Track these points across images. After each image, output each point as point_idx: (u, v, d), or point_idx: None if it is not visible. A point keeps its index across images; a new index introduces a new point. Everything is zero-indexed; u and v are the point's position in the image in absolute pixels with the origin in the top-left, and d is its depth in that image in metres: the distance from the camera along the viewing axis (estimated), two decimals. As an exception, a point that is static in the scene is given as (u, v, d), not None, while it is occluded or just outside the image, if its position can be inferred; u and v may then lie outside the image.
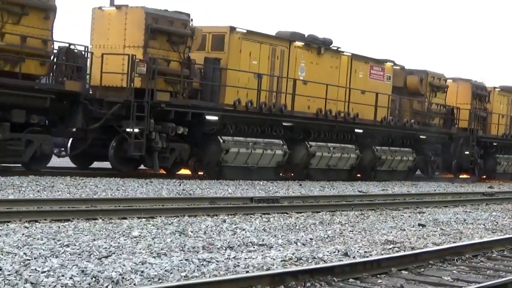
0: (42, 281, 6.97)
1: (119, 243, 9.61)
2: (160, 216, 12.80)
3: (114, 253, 8.80)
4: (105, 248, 9.11)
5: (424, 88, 30.79)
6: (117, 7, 20.83)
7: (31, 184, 16.23)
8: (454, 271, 9.12)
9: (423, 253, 9.63)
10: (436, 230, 13.43)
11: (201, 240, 10.41)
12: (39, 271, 7.36)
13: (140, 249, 9.25)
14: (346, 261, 8.98)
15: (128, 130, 19.92)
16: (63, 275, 7.25)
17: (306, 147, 25.00)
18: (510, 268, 9.62)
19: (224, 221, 12.76)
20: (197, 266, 8.23)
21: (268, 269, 8.33)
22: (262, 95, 23.45)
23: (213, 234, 11.16)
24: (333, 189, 22.50)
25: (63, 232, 10.34)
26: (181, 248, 9.51)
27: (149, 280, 7.44)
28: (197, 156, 22.33)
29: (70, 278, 7.18)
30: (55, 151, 20.70)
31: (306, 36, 25.33)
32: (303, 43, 24.99)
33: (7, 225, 10.73)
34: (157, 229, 11.27)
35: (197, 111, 21.53)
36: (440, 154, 32.08)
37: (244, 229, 11.83)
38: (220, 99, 22.31)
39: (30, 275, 7.13)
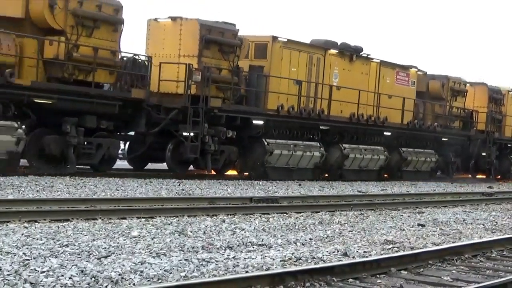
0: (41, 281, 6.97)
1: (118, 243, 9.61)
2: (160, 216, 12.80)
3: (113, 253, 8.80)
4: (105, 248, 9.11)
5: (445, 93, 32.30)
6: (172, 19, 22.36)
7: (30, 184, 16.22)
8: (454, 271, 9.12)
9: (422, 253, 9.63)
10: (436, 230, 13.43)
11: (200, 240, 10.41)
12: (38, 271, 7.35)
13: (139, 249, 9.25)
14: (345, 261, 8.98)
15: (185, 134, 21.47)
16: (62, 275, 7.25)
17: (340, 149, 26.50)
18: (509, 268, 9.62)
19: (224, 221, 12.76)
20: (197, 266, 8.23)
21: (267, 269, 8.33)
22: (301, 100, 24.87)
23: (213, 234, 11.16)
24: (333, 189, 22.51)
25: (63, 232, 10.34)
26: (180, 248, 9.51)
27: (148, 280, 7.44)
28: (243, 158, 23.96)
29: (70, 278, 7.17)
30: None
31: (339, 44, 26.70)
32: (337, 51, 26.41)
33: (7, 225, 10.72)
34: (157, 229, 11.27)
35: (245, 116, 23.13)
36: (460, 155, 33.69)
37: (243, 229, 11.83)
38: (264, 104, 23.81)
39: (29, 275, 7.13)
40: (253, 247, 10.07)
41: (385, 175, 29.04)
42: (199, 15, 22.10)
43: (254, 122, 23.33)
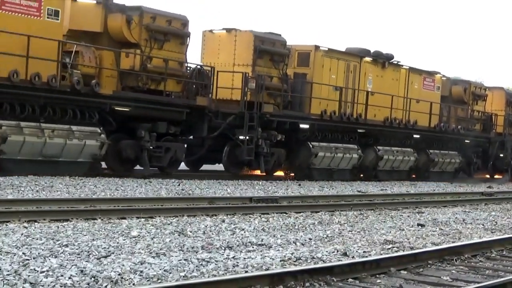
0: (41, 281, 6.97)
1: (118, 243, 9.61)
2: (159, 216, 12.80)
3: (113, 253, 8.80)
4: (104, 248, 9.11)
5: (467, 97, 34.01)
6: (227, 30, 24.22)
7: (30, 184, 16.22)
8: (453, 271, 9.12)
9: (422, 253, 9.63)
10: (435, 230, 13.43)
11: (200, 240, 10.41)
12: (38, 271, 7.35)
13: (139, 249, 9.25)
14: (345, 261, 8.98)
15: (241, 137, 23.27)
16: (62, 275, 7.25)
17: (375, 151, 28.31)
18: (509, 268, 9.62)
19: (223, 221, 12.76)
20: (196, 266, 8.23)
21: (267, 269, 8.33)
22: (336, 105, 26.64)
23: (212, 234, 11.16)
24: (332, 189, 22.51)
25: (62, 232, 10.33)
26: (180, 248, 9.51)
27: (148, 280, 7.44)
28: (290, 160, 25.79)
29: (69, 278, 7.17)
30: None
31: (372, 52, 28.32)
32: (371, 59, 28.11)
33: (6, 225, 10.72)
34: (156, 229, 11.27)
35: (293, 121, 24.92)
36: (480, 156, 35.48)
37: (243, 229, 11.83)
38: (307, 109, 25.56)
39: (29, 275, 7.13)
40: (253, 247, 10.07)
41: (413, 176, 30.79)
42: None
43: (301, 126, 25.15)
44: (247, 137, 23.16)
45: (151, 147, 20.93)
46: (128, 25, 20.33)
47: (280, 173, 26.22)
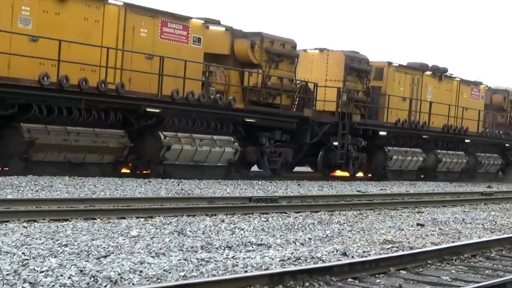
0: (40, 281, 6.97)
1: (117, 243, 9.61)
2: (159, 216, 12.79)
3: (112, 253, 8.80)
4: (104, 248, 9.11)
5: (506, 105, 37.75)
6: (320, 50, 27.86)
7: (29, 184, 16.21)
8: (453, 271, 9.12)
9: (421, 252, 9.64)
10: (435, 229, 13.44)
11: (199, 240, 10.41)
12: (37, 271, 7.35)
13: (138, 248, 9.25)
14: (344, 260, 8.98)
15: (335, 143, 26.85)
16: (61, 275, 7.25)
17: (435, 154, 31.84)
18: (508, 267, 9.63)
19: (223, 221, 12.76)
20: (196, 266, 8.23)
21: (266, 269, 8.33)
22: (405, 114, 30.18)
23: (212, 233, 11.16)
24: (332, 188, 22.51)
25: (62, 232, 10.33)
26: (179, 248, 9.51)
27: (147, 280, 7.44)
28: (369, 163, 29.13)
29: (69, 277, 7.17)
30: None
31: (430, 66, 31.89)
32: (430, 72, 31.75)
33: (6, 224, 10.72)
34: (156, 228, 11.27)
35: (375, 128, 28.63)
36: None
37: (242, 229, 11.83)
38: (383, 118, 29.21)
39: (28, 275, 7.13)
40: (252, 247, 10.07)
41: (463, 176, 34.12)
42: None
43: (380, 133, 28.85)
44: (340, 143, 26.86)
45: (270, 152, 24.52)
46: (252, 48, 23.77)
47: (360, 174, 29.33)
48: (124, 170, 20.85)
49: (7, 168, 18.22)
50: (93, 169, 19.39)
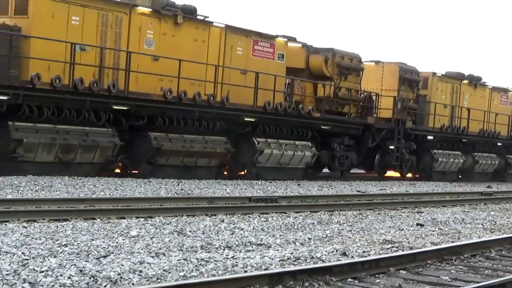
0: (40, 280, 6.97)
1: (117, 242, 9.61)
2: (159, 216, 12.79)
3: (112, 253, 8.80)
4: (104, 247, 9.11)
5: None
6: (376, 62, 30.54)
7: (29, 184, 16.21)
8: (452, 271, 9.12)
9: (421, 252, 9.64)
10: (435, 229, 13.44)
11: (199, 239, 10.41)
12: (37, 271, 7.35)
13: (138, 248, 9.25)
14: (344, 260, 8.98)
15: (391, 147, 29.68)
16: (61, 275, 7.25)
17: (472, 157, 34.59)
18: (508, 267, 9.62)
19: (223, 221, 12.76)
20: (196, 265, 8.23)
21: (266, 269, 8.33)
22: (446, 120, 33.01)
23: (212, 233, 11.16)
24: (331, 188, 22.51)
25: (62, 231, 10.33)
26: (179, 248, 9.51)
27: (147, 280, 7.44)
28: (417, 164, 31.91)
29: (69, 277, 7.17)
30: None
31: (466, 75, 34.72)
32: (467, 81, 34.54)
33: (5, 224, 10.72)
34: (156, 228, 11.27)
35: (424, 133, 31.46)
36: None
37: (242, 229, 11.83)
38: (430, 123, 31.97)
39: (28, 275, 7.13)
40: (252, 247, 10.07)
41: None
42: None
43: (428, 137, 31.68)
44: (395, 147, 29.60)
45: (340, 156, 27.08)
46: (325, 63, 26.54)
47: (409, 174, 31.86)
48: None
49: (136, 171, 20.68)
50: (203, 172, 22.24)
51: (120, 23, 20.03)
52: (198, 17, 22.17)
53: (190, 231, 11.18)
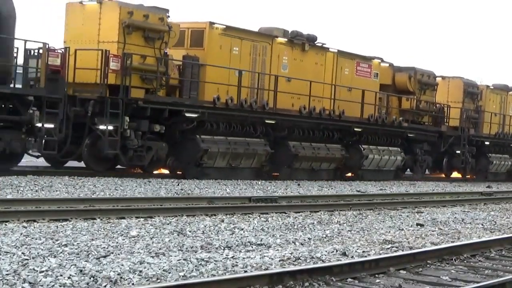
0: (40, 280, 6.97)
1: (117, 242, 9.61)
2: (158, 216, 12.80)
3: (112, 253, 8.80)
4: (103, 247, 9.11)
5: None
6: (442, 78, 34.30)
7: (29, 184, 16.21)
8: (452, 271, 9.12)
9: (421, 252, 9.64)
10: (434, 229, 13.44)
11: (199, 239, 10.41)
12: (37, 271, 7.35)
13: (138, 248, 9.25)
14: (344, 260, 8.98)
15: (457, 151, 33.42)
16: (61, 275, 7.25)
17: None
18: (508, 267, 9.62)
19: (222, 221, 12.76)
20: (195, 266, 8.23)
21: (266, 269, 8.33)
22: (496, 127, 36.23)
23: (211, 233, 11.16)
24: (331, 188, 22.51)
25: (61, 231, 10.33)
26: (179, 248, 9.52)
27: (147, 280, 7.44)
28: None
29: (68, 277, 7.17)
30: None
31: (509, 86, 37.49)
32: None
33: (5, 224, 10.72)
34: (155, 228, 11.27)
35: (482, 139, 34.82)
36: None
37: (242, 229, 11.83)
38: (480, 130, 35.24)
39: (28, 275, 7.13)
40: (252, 247, 10.07)
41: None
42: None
43: (486, 142, 35.22)
44: (461, 151, 33.02)
45: (421, 159, 30.92)
46: (409, 80, 30.47)
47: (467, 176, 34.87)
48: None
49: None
50: (325, 174, 26.53)
51: (265, 51, 24.46)
52: (317, 44, 26.41)
53: (190, 231, 11.19)
